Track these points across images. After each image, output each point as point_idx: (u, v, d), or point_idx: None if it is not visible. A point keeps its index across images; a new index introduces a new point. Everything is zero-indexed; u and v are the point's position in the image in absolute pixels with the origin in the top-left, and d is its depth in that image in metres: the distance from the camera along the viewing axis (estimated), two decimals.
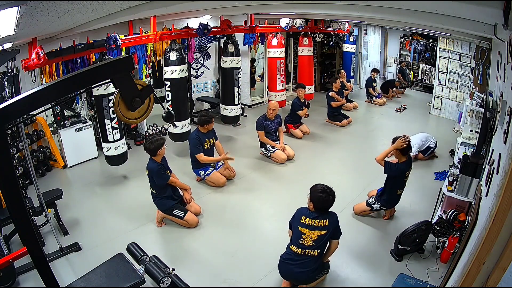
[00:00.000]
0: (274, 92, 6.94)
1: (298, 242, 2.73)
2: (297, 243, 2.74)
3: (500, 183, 1.74)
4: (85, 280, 2.55)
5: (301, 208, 2.87)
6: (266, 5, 4.06)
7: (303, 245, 2.71)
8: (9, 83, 4.57)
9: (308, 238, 2.70)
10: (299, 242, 2.73)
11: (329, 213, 2.79)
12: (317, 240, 2.69)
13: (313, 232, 2.70)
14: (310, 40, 7.37)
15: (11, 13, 1.82)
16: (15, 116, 1.61)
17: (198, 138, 4.41)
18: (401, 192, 3.80)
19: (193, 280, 2.92)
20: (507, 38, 2.05)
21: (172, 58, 4.84)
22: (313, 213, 2.76)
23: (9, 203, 1.65)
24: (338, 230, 2.81)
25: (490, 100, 3.61)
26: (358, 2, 3.20)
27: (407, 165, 3.64)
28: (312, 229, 2.71)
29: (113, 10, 2.88)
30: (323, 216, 2.74)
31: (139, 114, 2.12)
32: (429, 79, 9.69)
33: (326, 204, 2.74)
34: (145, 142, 3.70)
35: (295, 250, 2.75)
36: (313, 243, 2.69)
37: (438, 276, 3.02)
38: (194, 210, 3.83)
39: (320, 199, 2.72)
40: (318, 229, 2.70)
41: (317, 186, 2.79)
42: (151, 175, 3.62)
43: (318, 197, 2.73)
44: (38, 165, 4.86)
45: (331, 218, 2.76)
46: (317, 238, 2.69)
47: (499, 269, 1.75)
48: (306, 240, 2.71)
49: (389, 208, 3.87)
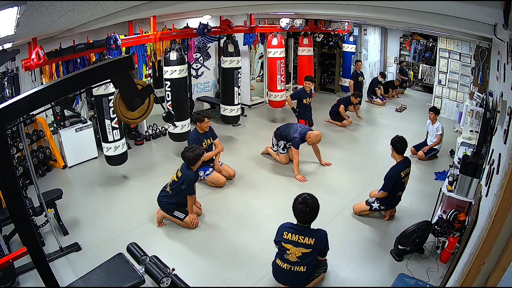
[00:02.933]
0: (274, 92, 6.94)
1: (283, 257, 2.65)
2: (282, 257, 2.66)
3: (500, 183, 1.74)
4: (85, 280, 2.55)
5: (283, 224, 2.75)
6: (266, 5, 4.07)
7: (288, 260, 2.63)
8: (9, 83, 4.58)
9: (293, 254, 2.60)
10: (284, 257, 2.65)
11: (316, 231, 2.65)
12: (302, 258, 2.59)
13: (297, 249, 2.59)
14: (310, 40, 7.37)
15: (11, 13, 1.82)
16: (15, 116, 1.61)
17: (197, 138, 4.41)
18: (401, 194, 3.81)
19: (193, 280, 2.92)
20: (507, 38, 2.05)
21: (172, 58, 4.84)
22: (297, 228, 2.63)
23: (9, 203, 1.65)
24: (325, 249, 2.73)
25: (490, 100, 3.61)
26: (358, 2, 3.21)
27: (403, 165, 3.64)
28: (296, 245, 2.59)
29: (113, 10, 2.89)
30: (308, 233, 2.60)
31: (139, 114, 2.12)
32: (429, 79, 9.70)
33: (304, 216, 2.59)
34: (185, 150, 3.68)
35: (281, 265, 2.67)
36: (297, 259, 2.60)
37: (438, 276, 3.02)
38: (195, 211, 3.83)
39: (298, 210, 2.58)
40: (302, 247, 2.58)
41: (299, 196, 2.62)
42: (182, 179, 3.60)
43: (297, 209, 2.58)
44: (38, 165, 4.86)
45: (317, 237, 2.61)
46: (301, 255, 2.59)
47: (499, 269, 1.75)
48: (290, 256, 2.61)
49: (389, 209, 3.88)
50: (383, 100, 8.53)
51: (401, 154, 3.68)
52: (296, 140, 4.79)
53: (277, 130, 5.21)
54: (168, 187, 3.74)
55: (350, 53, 8.73)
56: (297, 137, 4.79)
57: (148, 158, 5.63)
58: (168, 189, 3.73)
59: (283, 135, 5.09)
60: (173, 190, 3.68)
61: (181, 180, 3.61)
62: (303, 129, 4.89)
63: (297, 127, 4.94)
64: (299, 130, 4.86)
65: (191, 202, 3.70)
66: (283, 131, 5.09)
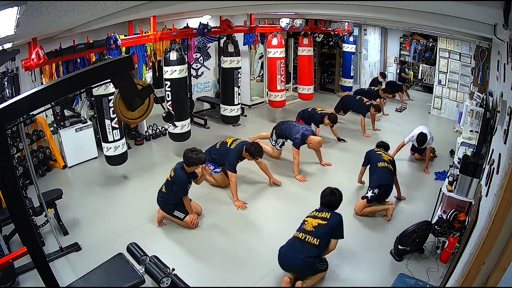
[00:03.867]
0: (274, 92, 6.93)
1: (300, 227, 2.98)
2: (299, 228, 2.98)
3: (500, 183, 1.74)
4: (85, 280, 2.55)
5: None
6: (266, 5, 4.07)
7: (304, 229, 2.92)
8: (9, 83, 4.58)
9: (309, 224, 2.92)
10: (301, 227, 2.97)
11: (333, 212, 3.02)
12: (317, 228, 2.87)
13: (315, 220, 2.94)
14: (310, 40, 7.37)
15: (11, 13, 1.82)
16: (15, 116, 1.61)
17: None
18: (382, 164, 3.98)
19: (193, 280, 2.92)
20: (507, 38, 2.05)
21: (172, 58, 4.83)
22: (319, 208, 3.10)
23: (9, 203, 1.65)
24: (339, 230, 2.93)
25: (490, 100, 3.61)
26: (358, 2, 3.21)
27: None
28: (314, 217, 2.98)
29: (113, 10, 2.88)
30: (326, 211, 3.01)
31: (139, 114, 2.12)
32: (429, 79, 9.69)
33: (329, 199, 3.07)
34: (188, 150, 3.62)
35: (296, 234, 2.94)
36: (313, 228, 2.88)
37: (438, 276, 3.02)
38: (195, 211, 3.83)
39: (325, 194, 3.11)
40: (319, 219, 2.94)
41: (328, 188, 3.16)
42: (174, 180, 3.60)
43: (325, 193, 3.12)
44: (38, 165, 4.86)
45: (333, 214, 2.97)
46: (317, 226, 2.89)
47: (499, 269, 1.75)
48: (307, 225, 2.93)
49: (383, 196, 3.92)
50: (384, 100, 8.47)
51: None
52: (298, 141, 4.79)
53: (278, 128, 5.21)
54: (163, 187, 3.75)
55: (350, 53, 8.71)
56: (298, 138, 4.79)
57: (148, 158, 5.63)
58: (164, 189, 3.73)
59: (284, 134, 5.10)
60: (167, 189, 3.68)
61: (173, 181, 3.61)
62: (305, 131, 4.88)
63: (299, 129, 4.93)
64: (301, 132, 4.84)
65: (187, 202, 3.69)
66: (284, 130, 5.09)
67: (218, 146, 4.47)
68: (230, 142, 4.36)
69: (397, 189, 4.24)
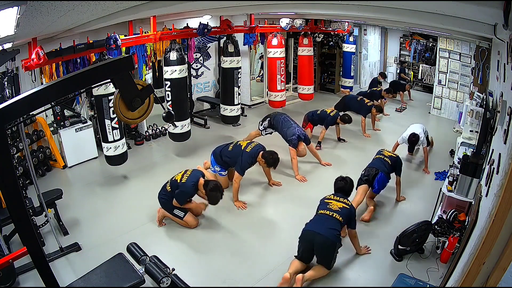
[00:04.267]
0: (274, 92, 6.93)
1: (326, 207, 3.15)
2: (325, 207, 3.15)
3: (500, 183, 1.74)
4: (85, 280, 2.55)
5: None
6: (266, 5, 4.07)
7: (331, 209, 3.11)
8: (9, 83, 4.57)
9: (335, 205, 3.15)
10: (327, 207, 3.15)
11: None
12: (342, 209, 3.11)
13: (338, 203, 3.18)
14: (310, 40, 7.37)
15: (11, 13, 1.82)
16: (15, 116, 1.61)
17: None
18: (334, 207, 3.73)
19: (193, 280, 2.92)
20: (507, 38, 2.05)
21: (172, 58, 4.83)
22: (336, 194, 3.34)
23: (9, 203, 1.65)
24: (353, 220, 3.18)
25: (490, 100, 3.61)
26: (358, 2, 3.21)
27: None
28: (337, 201, 3.20)
29: (113, 10, 2.88)
30: (343, 197, 3.27)
31: (139, 114, 2.12)
32: (429, 79, 9.69)
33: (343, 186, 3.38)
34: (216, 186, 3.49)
35: (323, 212, 3.12)
36: (338, 209, 3.10)
37: (438, 276, 3.02)
38: (196, 211, 3.82)
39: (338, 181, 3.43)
40: (341, 203, 3.18)
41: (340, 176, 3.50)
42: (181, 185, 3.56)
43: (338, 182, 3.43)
44: (38, 165, 4.86)
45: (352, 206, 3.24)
46: (342, 207, 3.13)
47: (499, 269, 1.75)
48: (333, 206, 3.14)
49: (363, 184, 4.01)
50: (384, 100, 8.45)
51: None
52: (294, 142, 4.80)
53: (273, 119, 5.21)
54: (168, 184, 3.73)
55: (350, 53, 8.72)
56: (295, 139, 4.81)
57: (148, 158, 5.63)
58: (168, 187, 3.72)
59: (277, 127, 5.17)
60: (172, 189, 3.67)
61: (180, 185, 3.58)
62: (301, 134, 4.88)
63: (295, 131, 4.89)
64: (297, 134, 4.84)
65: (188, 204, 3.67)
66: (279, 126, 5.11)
67: (230, 148, 4.34)
68: (245, 145, 4.28)
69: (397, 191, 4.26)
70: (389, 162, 4.13)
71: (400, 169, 4.22)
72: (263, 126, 5.35)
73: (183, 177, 3.64)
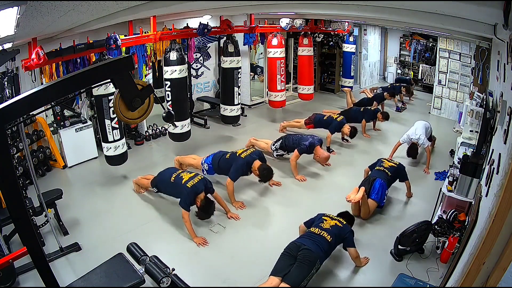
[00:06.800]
0: (274, 92, 6.94)
1: (318, 225, 3.11)
2: (317, 225, 3.10)
3: (500, 183, 1.74)
4: (85, 280, 2.55)
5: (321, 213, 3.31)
6: (266, 5, 4.07)
7: (321, 226, 3.06)
8: (9, 83, 4.57)
9: (327, 223, 3.10)
10: (318, 225, 3.10)
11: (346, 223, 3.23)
12: (334, 227, 3.05)
13: (332, 221, 3.14)
14: (310, 40, 7.37)
15: (11, 13, 1.82)
16: (15, 116, 1.61)
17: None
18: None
19: (193, 280, 2.92)
20: (507, 38, 2.05)
21: (172, 58, 4.83)
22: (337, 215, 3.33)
23: (9, 203, 1.65)
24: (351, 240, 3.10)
25: (490, 100, 3.61)
26: (358, 2, 3.21)
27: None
28: (332, 219, 3.18)
29: (113, 10, 2.89)
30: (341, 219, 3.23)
31: (139, 114, 2.12)
32: (429, 79, 9.69)
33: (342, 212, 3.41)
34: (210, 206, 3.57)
35: (312, 230, 3.06)
36: (329, 227, 3.05)
37: (438, 276, 3.02)
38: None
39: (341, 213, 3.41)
40: (335, 220, 3.16)
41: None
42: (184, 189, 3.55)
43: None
44: (38, 165, 4.86)
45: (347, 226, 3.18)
46: (334, 225, 3.08)
47: (499, 269, 1.75)
48: (325, 224, 3.10)
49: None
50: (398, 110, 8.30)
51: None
52: (304, 148, 4.77)
53: (286, 140, 5.11)
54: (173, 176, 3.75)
55: (350, 53, 8.71)
56: (305, 145, 4.77)
57: (148, 158, 5.63)
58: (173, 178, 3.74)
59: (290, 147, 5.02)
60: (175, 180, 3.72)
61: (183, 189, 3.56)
62: (314, 141, 4.82)
63: (309, 139, 4.85)
64: (310, 140, 4.81)
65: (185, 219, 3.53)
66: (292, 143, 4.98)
67: (227, 156, 4.33)
68: (240, 152, 4.31)
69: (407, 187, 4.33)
70: (388, 174, 4.05)
71: (404, 175, 4.22)
72: (275, 147, 5.25)
73: (192, 180, 3.63)
